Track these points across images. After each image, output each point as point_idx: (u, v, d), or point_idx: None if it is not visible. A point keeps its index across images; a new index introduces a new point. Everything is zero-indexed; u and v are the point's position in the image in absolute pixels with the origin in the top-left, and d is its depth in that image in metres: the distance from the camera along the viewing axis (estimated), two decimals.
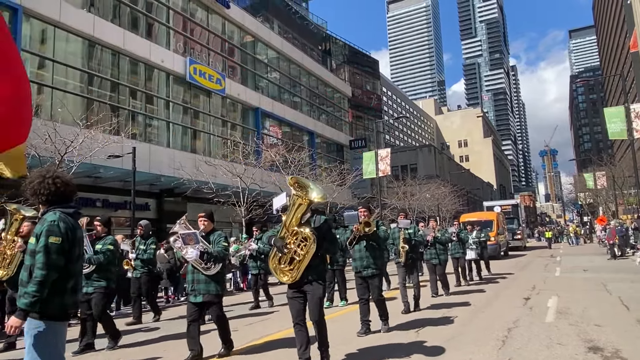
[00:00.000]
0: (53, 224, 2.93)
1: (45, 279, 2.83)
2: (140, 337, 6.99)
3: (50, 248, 2.87)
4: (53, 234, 2.90)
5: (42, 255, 2.86)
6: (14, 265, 6.16)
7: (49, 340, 2.85)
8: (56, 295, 2.89)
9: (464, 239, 11.74)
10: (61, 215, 3.00)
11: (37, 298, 2.81)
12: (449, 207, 39.03)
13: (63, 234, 2.92)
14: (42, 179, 3.04)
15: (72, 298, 2.99)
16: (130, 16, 21.78)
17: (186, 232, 5.25)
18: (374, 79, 53.15)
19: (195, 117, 24.75)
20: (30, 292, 2.81)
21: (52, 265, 2.86)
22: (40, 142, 12.67)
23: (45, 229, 2.92)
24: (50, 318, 2.87)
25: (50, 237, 2.89)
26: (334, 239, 4.74)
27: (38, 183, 3.03)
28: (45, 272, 2.84)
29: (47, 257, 2.86)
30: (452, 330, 6.40)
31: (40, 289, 2.82)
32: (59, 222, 2.95)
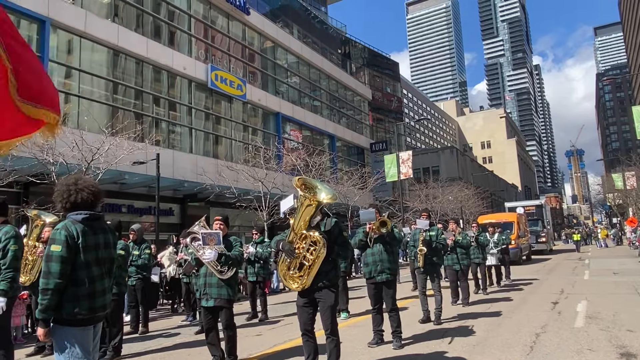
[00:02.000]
0: (56, 232, 2.97)
1: (47, 287, 2.87)
2: (164, 343, 7.07)
3: (51, 257, 2.91)
4: (54, 242, 2.93)
5: (44, 264, 2.93)
6: (35, 270, 6.26)
7: (68, 345, 2.90)
8: (68, 301, 2.93)
9: (484, 242, 11.01)
10: (67, 223, 3.02)
11: (44, 306, 2.87)
12: (473, 210, 38.44)
13: (63, 242, 2.93)
14: (60, 187, 3.11)
15: (88, 304, 2.99)
16: (153, 25, 22.21)
17: (208, 232, 5.12)
18: (394, 81, 52.86)
19: (217, 122, 25.04)
20: (39, 301, 2.89)
21: (52, 273, 2.89)
22: (68, 150, 12.98)
23: (50, 237, 3.00)
24: (65, 324, 2.92)
25: (51, 245, 2.93)
26: (346, 243, 4.43)
27: (57, 191, 3.11)
28: (45, 280, 2.88)
29: (47, 266, 2.90)
30: (476, 337, 6.22)
31: (44, 296, 2.87)
32: (61, 231, 2.96)
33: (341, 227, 4.45)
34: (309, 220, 4.17)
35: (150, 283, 8.89)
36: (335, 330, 4.24)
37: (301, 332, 4.30)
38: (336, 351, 4.23)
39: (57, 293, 2.88)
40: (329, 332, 4.21)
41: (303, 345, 4.31)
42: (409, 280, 12.69)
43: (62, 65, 18.00)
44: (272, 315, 8.97)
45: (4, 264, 4.39)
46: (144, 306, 8.23)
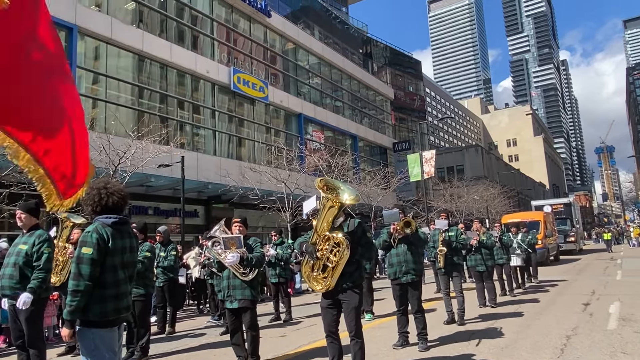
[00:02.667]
0: (87, 234, 3.02)
1: (77, 288, 2.92)
2: (190, 343, 7.15)
3: (82, 259, 2.96)
4: (85, 245, 2.98)
5: (74, 266, 2.97)
6: (65, 271, 6.39)
7: (95, 346, 2.95)
8: (95, 303, 2.98)
9: (507, 243, 10.66)
10: (97, 226, 3.07)
11: (73, 307, 2.92)
12: (499, 209, 37.74)
13: (94, 245, 2.99)
14: (90, 191, 3.16)
15: (114, 305, 3.04)
16: (177, 30, 22.57)
17: (229, 236, 5.16)
18: (416, 80, 52.38)
19: (240, 125, 25.28)
20: (68, 302, 2.94)
21: (83, 275, 2.94)
22: (96, 154, 13.28)
23: (80, 240, 3.04)
24: (92, 325, 2.97)
25: (82, 247, 2.98)
26: (370, 244, 4.40)
27: (86, 195, 3.17)
28: (76, 282, 2.93)
29: (78, 267, 2.95)
30: (504, 339, 6.09)
31: (74, 298, 2.91)
32: (92, 233, 3.02)
33: (365, 228, 4.41)
34: (332, 222, 4.14)
35: (177, 284, 8.99)
36: (359, 332, 4.20)
37: (325, 333, 4.28)
38: (361, 353, 4.19)
39: (86, 295, 2.94)
40: (353, 334, 4.18)
41: (327, 347, 4.28)
42: (433, 281, 12.50)
43: (89, 72, 18.46)
44: (296, 316, 8.96)
45: (38, 266, 4.54)
46: (171, 307, 8.31)
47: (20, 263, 4.53)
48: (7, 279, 4.54)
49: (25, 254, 4.55)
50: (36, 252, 4.55)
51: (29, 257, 4.55)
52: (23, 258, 4.55)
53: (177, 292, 9.31)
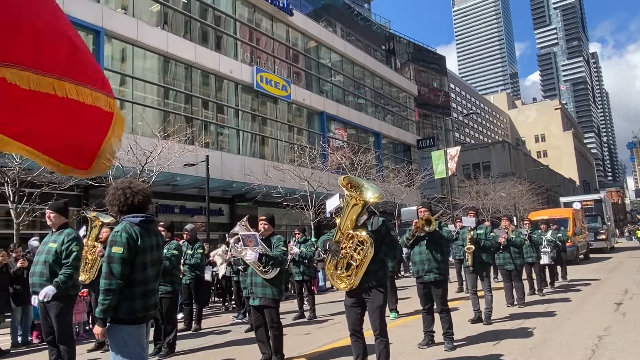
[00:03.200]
0: (116, 234, 3.07)
1: (109, 287, 2.97)
2: (215, 340, 7.23)
3: (113, 258, 3.01)
4: (115, 244, 3.03)
5: (106, 265, 3.02)
6: (95, 269, 6.55)
7: (124, 343, 3.00)
8: (124, 301, 3.03)
9: (537, 240, 10.32)
10: (126, 225, 3.12)
11: (105, 306, 2.97)
12: (527, 206, 36.93)
13: (124, 244, 3.03)
14: (115, 191, 3.21)
15: (142, 303, 3.10)
16: (200, 31, 22.85)
17: (246, 234, 5.21)
18: (440, 76, 51.71)
19: (263, 123, 25.44)
20: (100, 301, 2.99)
21: (114, 274, 2.99)
22: (123, 154, 13.57)
23: (110, 239, 3.09)
24: (121, 322, 3.02)
25: (113, 247, 3.03)
26: (394, 242, 4.37)
27: (111, 194, 3.21)
28: (107, 281, 2.98)
29: (109, 267, 3.00)
30: (533, 339, 5.94)
31: (106, 297, 2.97)
32: (122, 233, 3.06)
33: (388, 226, 4.36)
34: (355, 220, 4.11)
35: (203, 281, 9.11)
36: (384, 331, 4.17)
37: (350, 332, 4.26)
38: (385, 352, 4.16)
39: (118, 293, 3.00)
40: (377, 332, 4.15)
41: (352, 346, 4.26)
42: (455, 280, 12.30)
43: (116, 73, 18.86)
44: (320, 314, 8.96)
45: (67, 263, 4.67)
46: (198, 304, 8.42)
47: (50, 261, 4.65)
48: (37, 277, 4.66)
49: (55, 252, 4.67)
50: (65, 250, 4.67)
51: (59, 255, 4.67)
52: (53, 256, 4.66)
53: (203, 290, 9.45)
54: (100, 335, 3.04)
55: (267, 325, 5.22)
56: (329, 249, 4.16)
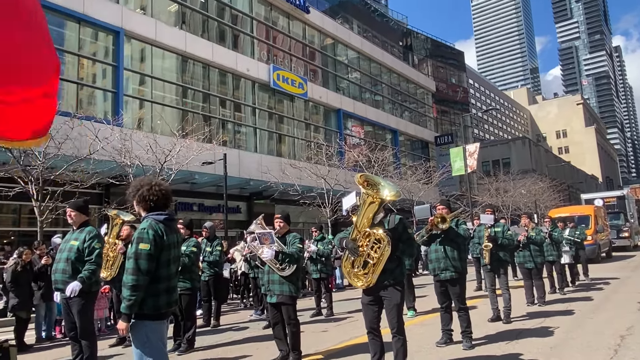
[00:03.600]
0: (143, 231, 3.12)
1: (135, 283, 3.02)
2: (234, 336, 7.30)
3: (140, 254, 3.06)
4: (142, 241, 3.09)
5: (133, 262, 3.06)
6: (116, 266, 6.68)
7: (147, 338, 3.05)
8: (149, 297, 3.09)
9: (557, 239, 10.07)
10: (151, 222, 3.18)
11: (132, 301, 3.02)
12: (548, 203, 36.30)
13: (151, 241, 3.09)
14: (140, 187, 3.28)
15: (166, 299, 3.16)
16: (218, 30, 23.02)
17: (262, 232, 5.25)
18: (459, 72, 51.14)
19: (279, 121, 25.53)
20: (126, 296, 3.03)
21: (142, 270, 3.05)
22: (143, 153, 13.80)
23: (136, 236, 3.14)
24: (145, 318, 3.07)
25: (140, 243, 3.08)
26: (411, 240, 4.35)
27: (136, 191, 3.28)
28: (134, 277, 3.03)
29: (137, 263, 3.06)
30: (553, 339, 5.85)
31: (133, 293, 3.01)
32: (148, 230, 3.12)
33: (405, 224, 4.35)
34: (372, 218, 4.11)
35: (221, 278, 9.20)
36: (401, 329, 4.16)
37: (367, 330, 4.26)
38: (403, 350, 4.15)
39: (144, 289, 3.06)
40: (395, 330, 4.15)
41: (369, 344, 4.26)
42: (474, 279, 12.17)
43: (136, 73, 19.14)
44: (337, 311, 8.97)
45: (89, 260, 4.79)
46: (216, 300, 8.51)
47: (72, 258, 4.75)
48: (60, 274, 4.77)
49: (77, 249, 4.77)
50: (87, 247, 4.78)
51: (81, 253, 4.77)
52: (75, 254, 4.76)
53: (222, 286, 9.53)
54: (125, 331, 3.08)
55: (284, 322, 5.25)
56: (346, 247, 4.16)
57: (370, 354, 4.26)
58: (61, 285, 4.77)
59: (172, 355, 6.05)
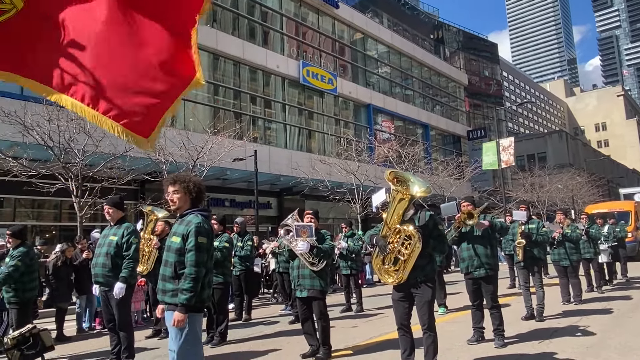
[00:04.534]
0: (200, 225, 3.21)
1: (198, 275, 3.11)
2: (264, 330, 7.42)
3: (201, 247, 3.16)
4: (200, 234, 3.18)
5: (194, 254, 3.14)
6: (151, 261, 6.91)
7: (190, 330, 3.10)
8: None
9: (595, 236, 9.69)
10: (203, 218, 3.30)
11: (194, 293, 3.09)
12: (586, 199, 35.08)
13: (209, 234, 3.25)
14: (188, 182, 3.37)
15: (207, 292, 3.28)
16: (248, 27, 23.24)
17: (301, 224, 5.30)
18: (492, 64, 49.96)
19: (309, 117, 25.60)
20: (188, 288, 3.08)
21: (201, 262, 3.15)
22: (176, 150, 14.12)
23: (193, 230, 3.19)
24: (192, 310, 3.12)
25: (199, 237, 3.17)
26: (442, 237, 4.33)
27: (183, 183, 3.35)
28: (196, 269, 3.11)
29: (198, 255, 3.14)
30: (590, 338, 5.69)
31: (196, 285, 3.09)
32: (205, 224, 3.25)
33: (436, 220, 4.32)
34: (402, 214, 4.11)
35: (253, 273, 9.36)
36: (432, 325, 4.15)
37: (397, 326, 4.27)
38: (433, 347, 4.14)
39: (201, 281, 3.16)
40: (426, 327, 4.15)
41: (399, 340, 4.27)
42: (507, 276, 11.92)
43: None
44: (367, 307, 8.97)
45: (127, 255, 4.97)
46: (248, 295, 8.65)
47: (112, 253, 4.94)
48: (100, 267, 4.96)
49: (116, 244, 4.95)
50: (125, 242, 4.96)
51: (119, 248, 4.95)
52: (114, 248, 4.95)
53: (253, 281, 9.70)
54: (182, 323, 3.05)
55: (313, 318, 5.31)
56: (376, 243, 4.18)
57: (400, 350, 4.26)
58: (101, 279, 4.96)
59: (206, 347, 6.19)
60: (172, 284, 3.16)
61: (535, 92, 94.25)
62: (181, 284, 3.10)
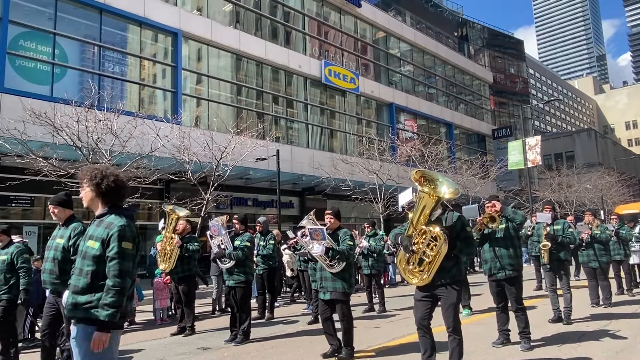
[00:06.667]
0: (123, 228, 2.72)
1: (123, 286, 2.65)
2: (287, 329, 7.45)
3: (125, 254, 2.69)
4: (126, 239, 2.71)
5: (118, 262, 2.66)
6: (173, 259, 6.99)
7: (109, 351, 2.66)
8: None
9: (626, 237, 9.36)
10: (126, 219, 2.80)
11: (117, 308, 2.62)
12: (616, 199, 34.06)
13: (134, 238, 2.78)
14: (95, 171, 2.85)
15: (130, 305, 2.91)
16: (270, 27, 23.38)
17: (314, 228, 5.25)
18: (518, 61, 49.02)
19: (331, 117, 25.59)
20: (111, 302, 2.61)
21: (126, 272, 2.68)
22: (200, 150, 14.30)
23: (116, 234, 2.70)
24: (115, 327, 2.68)
25: (123, 242, 2.70)
26: (470, 239, 4.24)
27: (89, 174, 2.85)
28: (122, 280, 2.65)
29: (123, 264, 2.67)
30: (620, 342, 5.54)
31: (120, 298, 2.63)
32: (128, 227, 2.75)
33: (464, 222, 4.25)
34: (428, 215, 4.04)
35: (275, 272, 9.40)
36: (457, 328, 4.08)
37: (417, 326, 4.21)
38: (459, 350, 4.07)
39: None
40: (451, 330, 4.08)
41: (419, 341, 4.20)
42: (533, 277, 11.66)
43: (193, 73, 19.83)
44: (389, 308, 8.92)
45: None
46: (270, 294, 8.71)
47: (59, 258, 4.35)
48: (47, 274, 4.40)
49: (62, 248, 4.37)
50: (72, 245, 4.33)
51: (66, 252, 4.36)
52: (61, 253, 4.36)
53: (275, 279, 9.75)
54: (105, 343, 2.60)
55: (333, 318, 5.29)
56: (401, 243, 4.13)
57: (421, 351, 4.21)
58: (49, 286, 4.46)
59: (229, 345, 6.28)
60: (87, 296, 2.66)
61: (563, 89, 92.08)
62: (103, 298, 2.61)
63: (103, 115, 11.99)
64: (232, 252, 6.40)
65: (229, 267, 6.47)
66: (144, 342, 6.83)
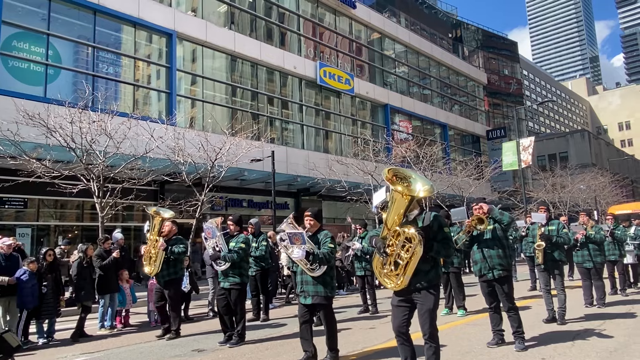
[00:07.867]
0: None
1: None
2: (283, 331, 7.43)
3: None
4: None
5: None
6: (158, 262, 6.88)
7: None
8: None
9: (620, 237, 9.44)
10: None
11: None
12: (609, 200, 34.29)
13: None
14: None
15: None
16: (265, 28, 23.37)
17: (293, 232, 5.08)
18: (512, 63, 49.23)
19: (326, 118, 25.61)
20: None
21: None
22: (195, 151, 14.26)
23: None
24: None
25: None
26: (447, 240, 3.96)
27: None
28: None
29: None
30: (614, 342, 5.57)
31: None
32: None
33: (441, 222, 4.02)
34: (403, 215, 3.82)
35: (269, 273, 9.36)
36: (434, 335, 3.87)
37: (395, 334, 3.97)
38: (434, 358, 3.89)
39: None
40: (427, 337, 3.87)
41: (399, 349, 4.00)
42: (528, 278, 11.71)
43: (188, 74, 19.78)
44: (382, 309, 8.91)
45: None
46: (265, 295, 8.67)
47: None
48: None
49: None
50: None
51: None
52: None
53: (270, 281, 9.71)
54: None
55: (312, 322, 5.16)
56: (375, 245, 3.97)
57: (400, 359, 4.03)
58: None
59: (224, 347, 6.25)
60: None
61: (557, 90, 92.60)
62: None
63: (97, 117, 11.94)
64: (227, 255, 6.35)
65: (223, 270, 6.43)
66: (138, 344, 6.79)
